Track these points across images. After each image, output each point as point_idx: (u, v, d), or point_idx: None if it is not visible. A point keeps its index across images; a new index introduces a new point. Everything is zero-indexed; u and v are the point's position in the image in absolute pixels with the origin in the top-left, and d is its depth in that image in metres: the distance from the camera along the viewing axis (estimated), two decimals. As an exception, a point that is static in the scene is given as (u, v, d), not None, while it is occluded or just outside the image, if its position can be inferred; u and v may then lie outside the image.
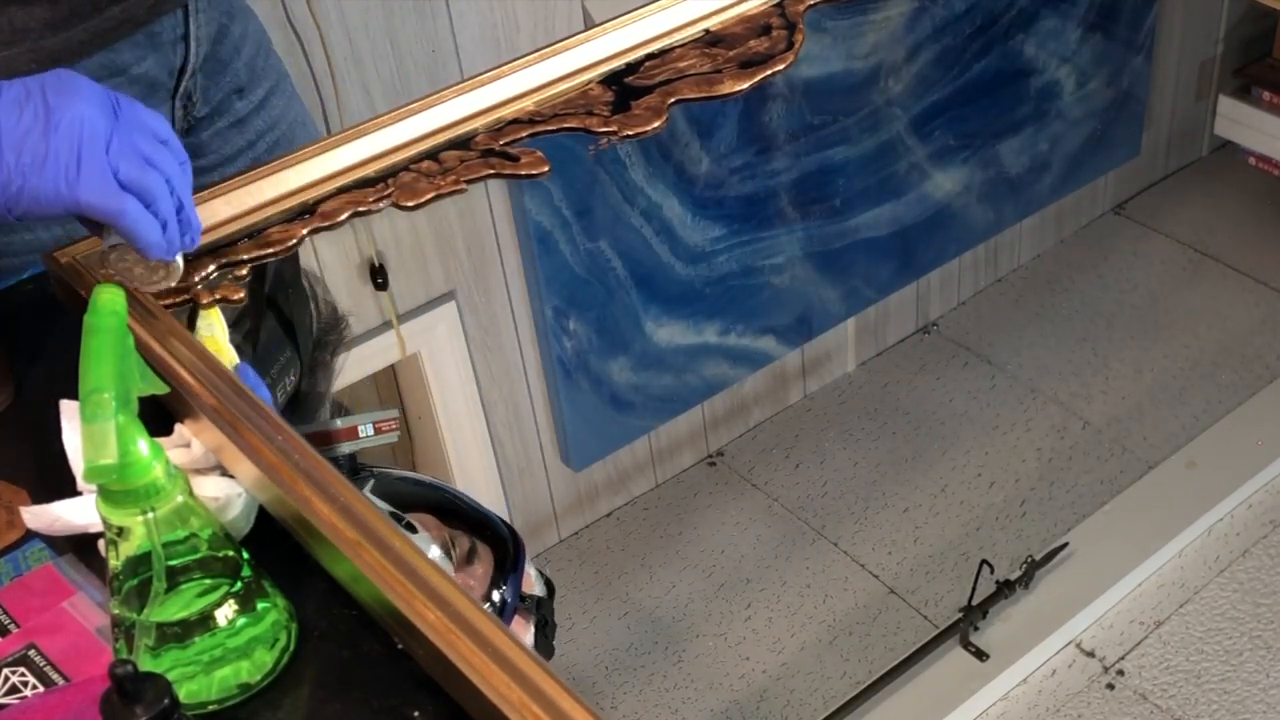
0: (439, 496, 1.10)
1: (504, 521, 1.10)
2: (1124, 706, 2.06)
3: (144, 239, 0.83)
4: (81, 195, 0.79)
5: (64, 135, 0.78)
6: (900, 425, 2.53)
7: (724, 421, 2.50)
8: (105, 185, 0.80)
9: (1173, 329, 2.67)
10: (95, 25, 1.01)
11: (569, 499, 2.35)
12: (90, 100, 0.80)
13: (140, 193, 0.81)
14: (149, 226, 0.82)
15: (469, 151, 1.04)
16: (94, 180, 0.79)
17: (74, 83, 0.81)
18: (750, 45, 1.12)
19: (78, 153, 0.79)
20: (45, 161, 0.78)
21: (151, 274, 0.88)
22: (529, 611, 1.10)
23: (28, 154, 0.78)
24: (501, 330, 2.08)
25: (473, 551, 1.06)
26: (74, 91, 0.80)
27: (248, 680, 0.74)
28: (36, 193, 0.79)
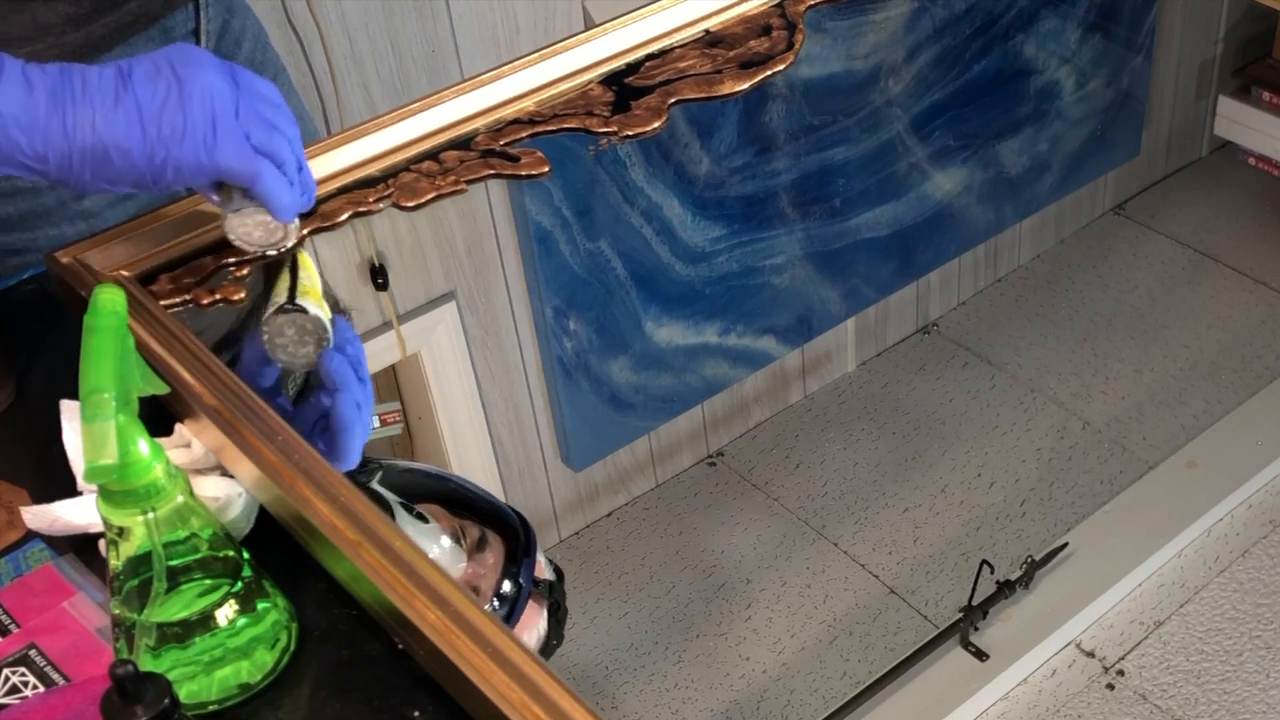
0: (447, 487, 1.10)
1: (513, 509, 1.10)
2: (1124, 706, 2.06)
3: (279, 200, 0.85)
4: (221, 161, 0.82)
5: (198, 105, 0.81)
6: (900, 425, 2.53)
7: (724, 421, 2.50)
8: (242, 150, 0.82)
9: (1173, 329, 2.67)
10: (114, 20, 1.03)
11: (569, 499, 2.35)
12: (215, 69, 0.82)
13: (271, 155, 0.84)
14: (283, 187, 0.85)
15: (469, 152, 1.04)
16: (230, 146, 0.82)
17: (196, 54, 0.83)
18: (750, 45, 1.12)
19: (213, 121, 0.81)
20: (185, 132, 0.81)
21: (270, 236, 0.89)
22: (542, 596, 1.10)
23: (167, 126, 0.81)
24: (501, 330, 2.08)
25: (483, 540, 1.06)
26: (198, 63, 0.82)
27: (248, 680, 0.74)
28: (179, 162, 0.82)
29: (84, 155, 0.80)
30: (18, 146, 0.80)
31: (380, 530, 0.74)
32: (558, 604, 1.12)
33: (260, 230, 0.88)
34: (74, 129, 0.80)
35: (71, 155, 0.80)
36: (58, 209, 1.07)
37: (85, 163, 0.81)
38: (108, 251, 0.96)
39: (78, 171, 0.81)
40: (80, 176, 0.82)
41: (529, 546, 1.07)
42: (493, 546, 1.06)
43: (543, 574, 1.11)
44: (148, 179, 0.82)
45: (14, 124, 0.79)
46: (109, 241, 0.96)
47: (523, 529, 1.08)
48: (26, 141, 0.79)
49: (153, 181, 0.83)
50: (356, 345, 0.89)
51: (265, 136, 0.84)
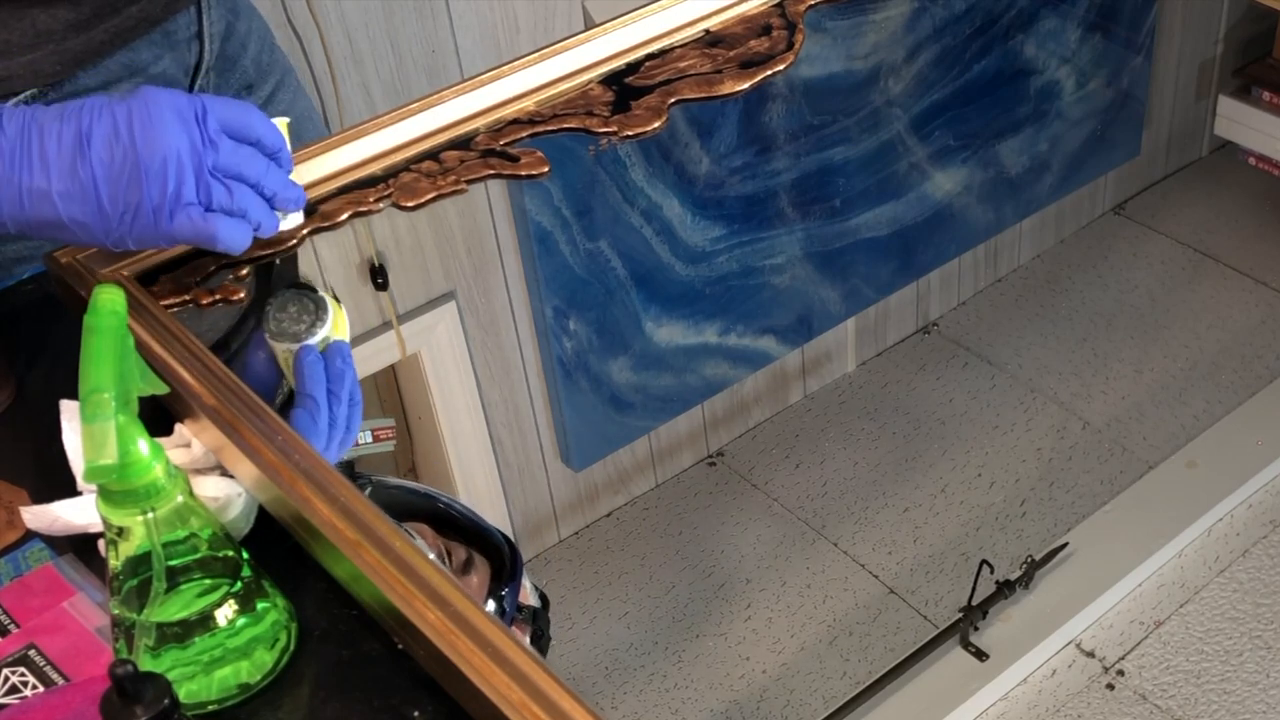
0: (435, 506, 1.10)
1: (500, 532, 1.10)
2: (1124, 706, 2.06)
3: (236, 247, 0.87)
4: (176, 233, 0.84)
5: (155, 179, 0.82)
6: (900, 425, 2.53)
7: (724, 421, 2.50)
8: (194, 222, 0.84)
9: (1173, 329, 2.67)
10: (115, 25, 1.03)
11: (569, 499, 2.35)
12: (175, 129, 0.82)
13: (230, 211, 0.86)
14: (240, 236, 0.86)
15: (469, 151, 1.04)
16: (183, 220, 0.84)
17: (159, 109, 0.83)
18: (750, 45, 1.12)
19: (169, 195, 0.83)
20: (138, 210, 0.83)
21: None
22: (525, 623, 1.10)
23: (121, 203, 0.82)
24: (501, 330, 2.08)
25: (469, 562, 1.06)
26: (159, 122, 0.82)
27: (248, 680, 0.74)
28: (136, 236, 0.84)
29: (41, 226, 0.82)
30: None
31: (380, 530, 0.74)
32: (541, 631, 1.12)
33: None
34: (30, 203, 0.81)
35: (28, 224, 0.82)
36: None
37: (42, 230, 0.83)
38: (108, 251, 0.96)
39: (35, 233, 0.84)
40: (39, 236, 0.84)
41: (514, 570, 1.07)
42: (478, 569, 1.06)
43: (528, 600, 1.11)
44: (106, 245, 0.85)
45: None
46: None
47: (509, 552, 1.08)
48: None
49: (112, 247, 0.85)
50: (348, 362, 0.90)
51: (225, 199, 0.85)
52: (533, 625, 1.10)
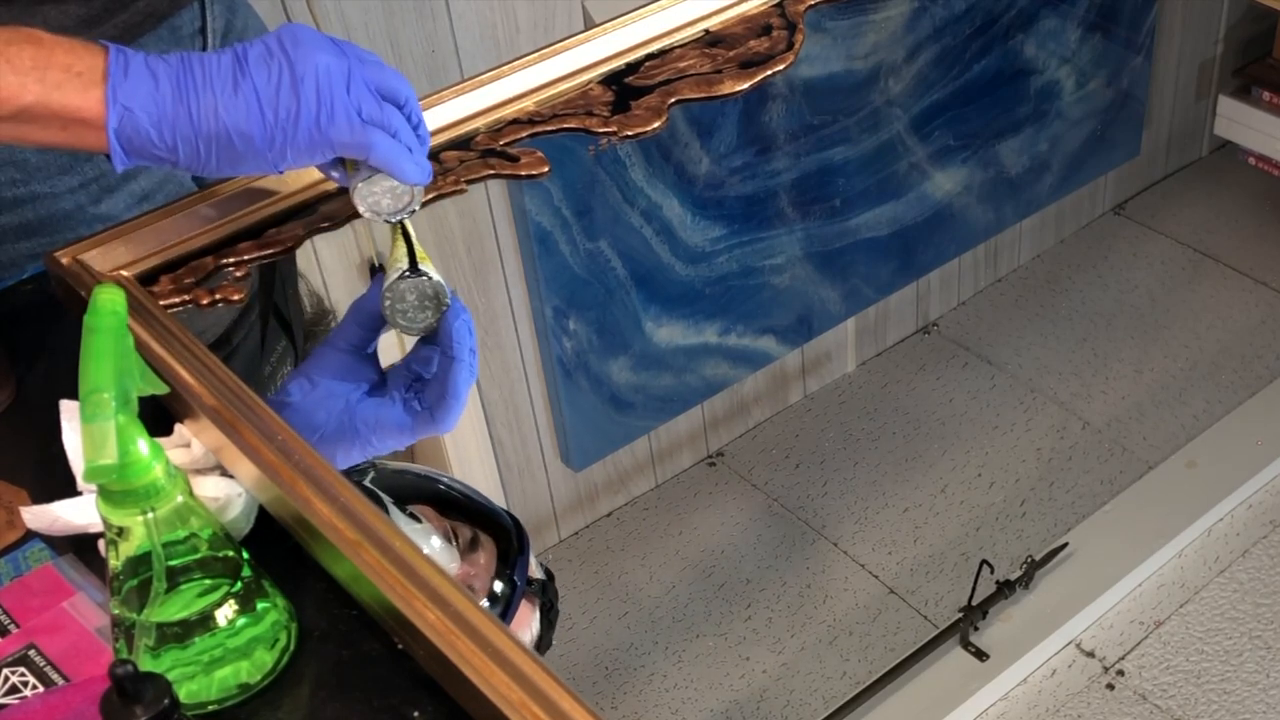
0: (438, 488, 1.10)
1: (506, 511, 1.10)
2: (1124, 706, 2.06)
3: (397, 165, 0.87)
4: (335, 137, 0.84)
5: (309, 86, 0.84)
6: (900, 425, 2.53)
7: (724, 421, 2.50)
8: (353, 125, 0.85)
9: (1173, 329, 2.67)
10: (124, 20, 1.04)
11: (569, 499, 2.35)
12: (324, 47, 0.85)
13: (383, 125, 0.86)
14: (399, 153, 0.87)
15: (469, 151, 1.04)
16: (342, 122, 0.84)
17: (305, 33, 0.86)
18: (750, 45, 1.12)
19: (324, 101, 0.84)
20: (299, 114, 0.84)
21: (398, 201, 0.90)
22: (535, 596, 1.10)
23: (283, 109, 0.84)
24: (501, 330, 2.08)
25: (475, 541, 1.06)
26: (308, 42, 0.85)
27: (248, 680, 0.74)
28: (297, 142, 0.84)
29: (209, 143, 0.83)
30: (149, 140, 0.83)
31: (380, 530, 0.74)
32: (550, 604, 1.12)
33: (388, 197, 0.90)
34: (199, 118, 0.83)
35: (198, 143, 0.83)
36: (76, 213, 1.07)
37: (210, 150, 0.84)
38: (108, 251, 0.96)
39: (204, 158, 0.84)
40: (207, 163, 0.85)
41: (521, 546, 1.07)
42: (485, 547, 1.06)
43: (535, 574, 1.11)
44: (269, 161, 0.85)
45: (146, 118, 0.82)
46: (109, 241, 0.96)
47: (515, 529, 1.08)
48: (157, 135, 0.83)
49: (274, 163, 0.86)
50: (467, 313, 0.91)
51: (375, 108, 0.86)
52: (542, 598, 1.11)
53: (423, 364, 0.91)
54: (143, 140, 0.83)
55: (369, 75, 0.86)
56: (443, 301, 0.90)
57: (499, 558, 1.06)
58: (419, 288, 0.90)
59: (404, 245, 0.91)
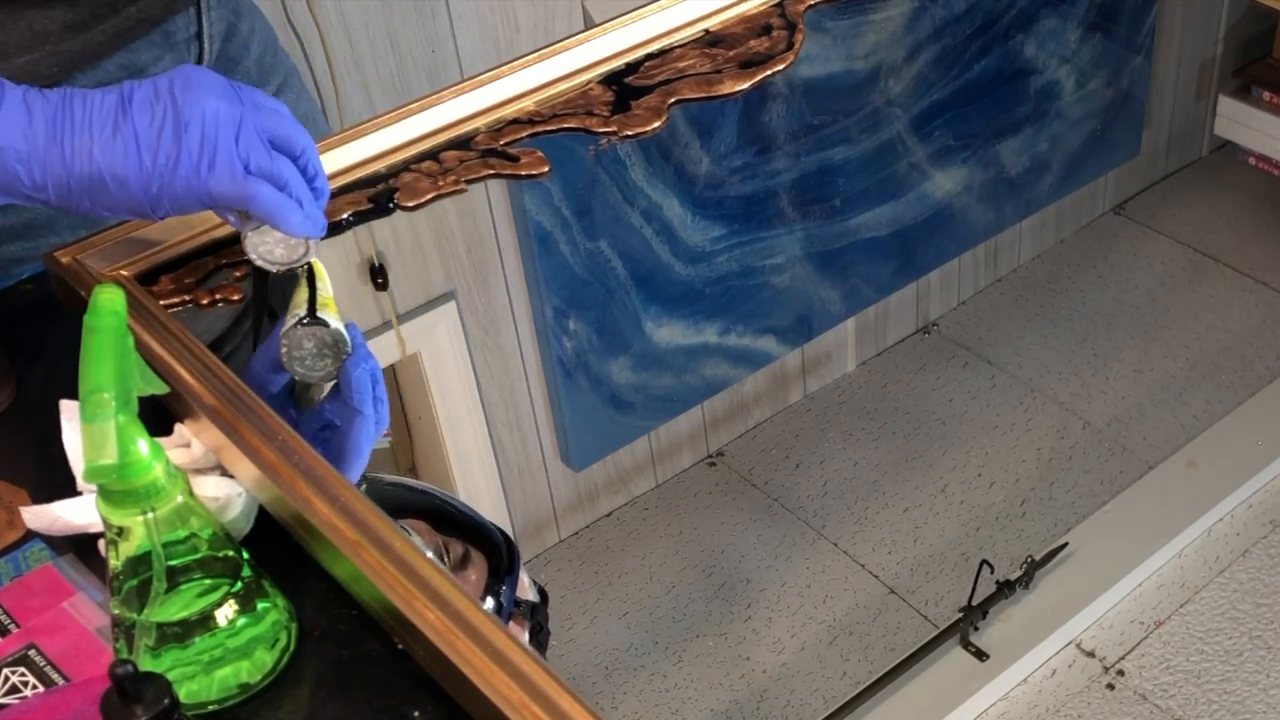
0: (431, 502, 1.09)
1: (498, 528, 1.09)
2: (1124, 706, 2.06)
3: (281, 218, 0.85)
4: (214, 188, 0.82)
5: (194, 133, 0.81)
6: (900, 425, 2.53)
7: (724, 421, 2.50)
8: (235, 176, 0.82)
9: (1173, 329, 2.67)
10: (114, 26, 1.02)
11: (569, 499, 2.35)
12: (216, 92, 0.82)
13: (271, 178, 0.84)
14: (284, 206, 0.84)
15: (469, 151, 1.04)
16: (224, 173, 0.82)
17: (199, 78, 0.83)
18: (750, 45, 1.12)
19: (208, 149, 0.81)
20: (178, 160, 0.81)
21: (291, 253, 0.89)
22: (524, 617, 1.09)
23: (162, 155, 0.81)
24: (501, 330, 2.08)
25: (466, 558, 1.05)
26: (200, 86, 0.82)
27: (248, 680, 0.74)
28: (174, 190, 0.82)
29: (82, 184, 0.81)
30: (17, 178, 0.80)
31: (380, 530, 0.74)
32: (540, 626, 1.12)
33: (280, 248, 0.88)
34: (72, 158, 0.80)
35: (70, 184, 0.81)
36: (60, 216, 1.07)
37: (83, 191, 0.81)
38: (108, 251, 0.96)
39: (76, 199, 0.82)
40: (79, 204, 0.82)
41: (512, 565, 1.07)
42: (476, 564, 1.05)
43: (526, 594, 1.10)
44: (145, 207, 0.82)
45: (13, 155, 0.80)
46: (109, 241, 0.96)
47: (506, 548, 1.08)
48: (25, 172, 0.80)
49: (150, 209, 0.83)
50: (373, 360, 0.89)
51: (264, 158, 0.83)
52: (531, 620, 1.10)
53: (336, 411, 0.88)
54: (9, 178, 0.80)
55: (263, 124, 0.84)
56: (343, 350, 0.87)
57: (490, 575, 1.06)
58: (317, 335, 0.87)
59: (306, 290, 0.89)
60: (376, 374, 0.88)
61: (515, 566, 1.07)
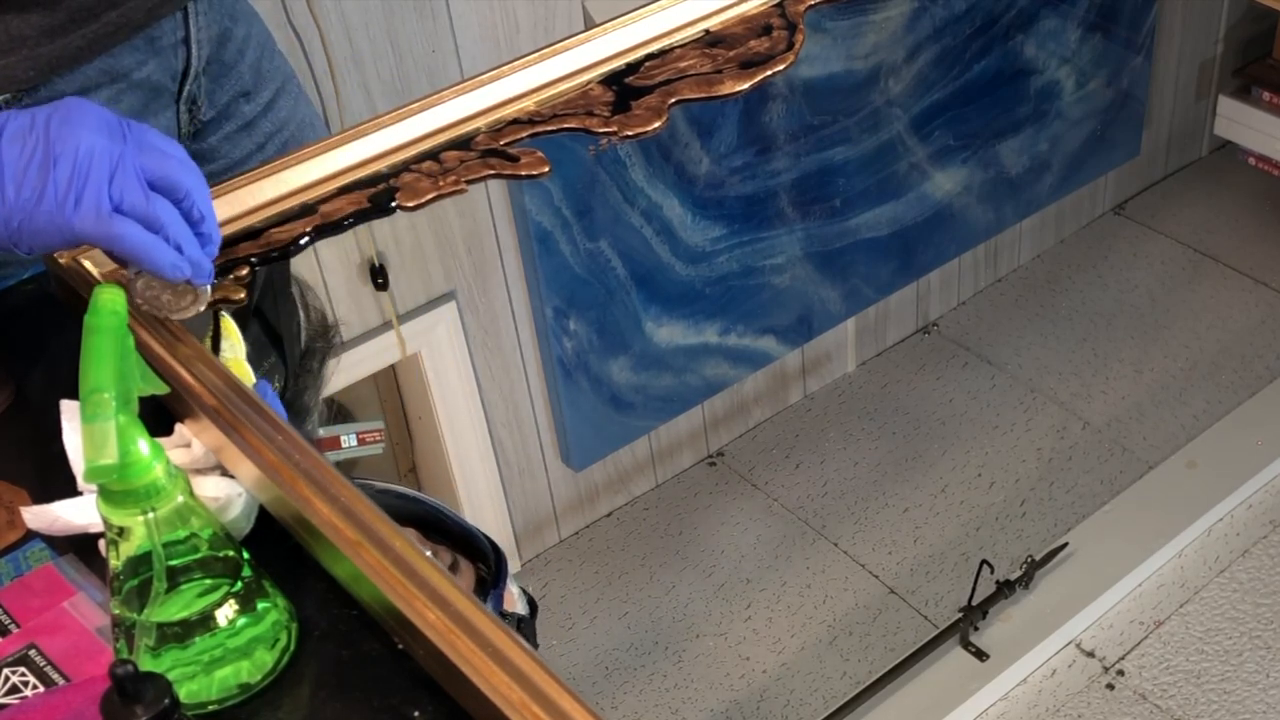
0: (422, 510, 1.09)
1: (486, 537, 1.09)
2: (1124, 706, 2.06)
3: (151, 260, 0.81)
4: (77, 225, 0.79)
5: (63, 168, 0.78)
6: (900, 425, 2.53)
7: (724, 421, 2.50)
8: (100, 214, 0.79)
9: (1173, 329, 2.67)
10: (93, 31, 1.00)
11: (569, 499, 2.35)
12: (96, 129, 0.79)
13: (144, 219, 0.81)
14: (154, 248, 0.81)
15: (469, 151, 1.04)
16: (89, 210, 0.79)
17: (80, 111, 0.80)
18: (750, 45, 1.12)
19: (76, 185, 0.79)
20: (43, 195, 0.78)
21: (179, 299, 0.86)
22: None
23: (27, 188, 0.78)
24: (501, 330, 2.08)
25: (454, 566, 1.05)
26: (79, 122, 0.79)
27: (248, 680, 0.74)
28: (35, 226, 0.79)
29: None
30: None
31: (380, 530, 0.74)
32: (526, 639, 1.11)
33: (167, 294, 0.86)
34: None
35: None
36: None
37: None
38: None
39: None
40: None
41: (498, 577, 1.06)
42: (463, 573, 1.05)
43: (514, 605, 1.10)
44: (6, 241, 0.80)
45: None
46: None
47: (495, 557, 1.07)
48: None
49: (11, 244, 0.80)
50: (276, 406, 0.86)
51: (140, 200, 0.80)
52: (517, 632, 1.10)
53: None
54: None
55: (146, 164, 0.81)
56: None
57: (478, 584, 1.06)
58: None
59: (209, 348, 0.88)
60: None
61: (502, 578, 1.06)
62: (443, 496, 2.16)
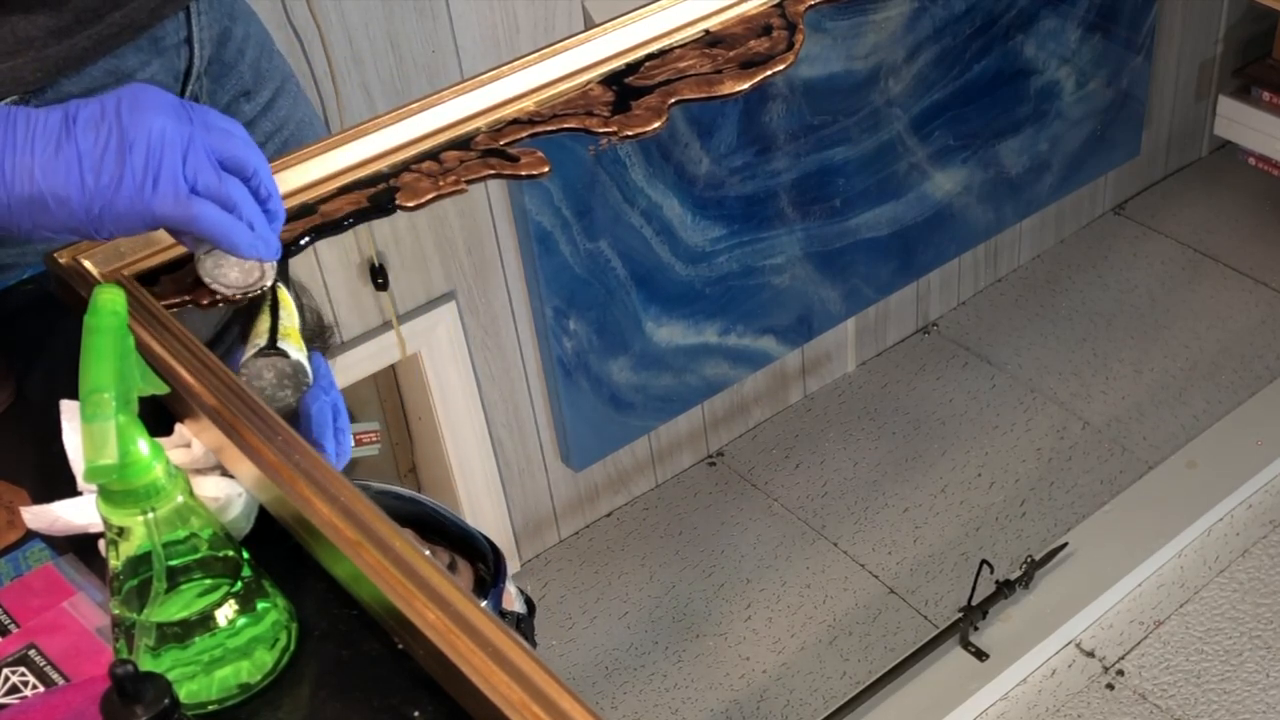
0: (419, 510, 1.09)
1: (485, 537, 1.09)
2: (1124, 706, 2.06)
3: (229, 239, 0.83)
4: (157, 209, 0.80)
5: (139, 153, 0.80)
6: (900, 425, 2.53)
7: (724, 421, 2.50)
8: (178, 196, 0.81)
9: (1173, 329, 2.67)
10: (99, 32, 1.01)
11: (569, 499, 2.35)
12: (165, 112, 0.81)
13: (219, 199, 0.82)
14: (232, 227, 0.83)
15: (469, 152, 1.04)
16: (167, 193, 0.80)
17: (149, 97, 0.81)
18: (750, 45, 1.12)
19: (151, 169, 0.80)
20: (121, 180, 0.80)
21: (247, 276, 0.88)
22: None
23: (105, 175, 0.80)
24: (501, 330, 2.08)
25: (452, 567, 1.05)
26: (148, 107, 0.81)
27: (248, 680, 0.74)
28: (117, 211, 0.80)
29: (22, 205, 0.79)
30: None
31: (380, 530, 0.74)
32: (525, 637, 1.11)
33: (235, 270, 0.87)
34: (13, 179, 0.79)
35: (10, 205, 0.79)
36: None
37: (24, 212, 0.80)
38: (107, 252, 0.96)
39: (16, 220, 0.80)
40: (19, 225, 0.81)
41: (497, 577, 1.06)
42: (462, 574, 1.05)
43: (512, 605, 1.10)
44: (87, 228, 0.81)
45: None
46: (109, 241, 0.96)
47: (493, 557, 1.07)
48: None
49: (93, 230, 0.81)
50: (334, 392, 0.87)
51: (213, 179, 0.82)
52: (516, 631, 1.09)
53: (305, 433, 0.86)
54: None
55: (214, 144, 0.82)
56: (303, 381, 0.86)
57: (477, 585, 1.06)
58: (277, 366, 0.86)
59: (269, 318, 0.88)
60: (339, 406, 0.87)
61: (501, 578, 1.06)
62: (442, 496, 2.17)
